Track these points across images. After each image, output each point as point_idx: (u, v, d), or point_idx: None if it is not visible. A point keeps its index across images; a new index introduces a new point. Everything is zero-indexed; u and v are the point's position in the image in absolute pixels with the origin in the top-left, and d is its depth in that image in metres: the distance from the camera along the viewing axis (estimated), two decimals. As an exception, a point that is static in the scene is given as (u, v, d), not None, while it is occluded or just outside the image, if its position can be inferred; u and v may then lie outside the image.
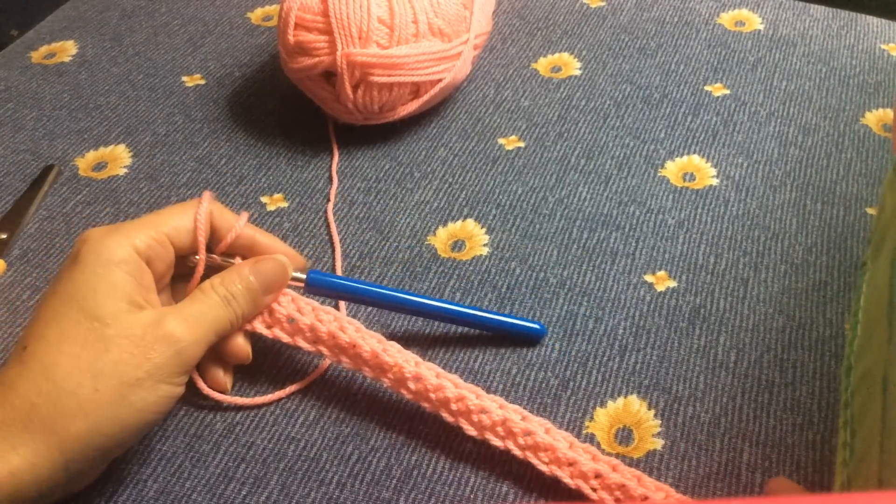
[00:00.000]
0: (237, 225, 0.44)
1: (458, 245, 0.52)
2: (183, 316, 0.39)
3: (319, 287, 0.45)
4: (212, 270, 0.43)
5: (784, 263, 0.51)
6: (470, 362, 0.46)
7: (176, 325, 0.38)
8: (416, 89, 0.57)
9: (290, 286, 0.45)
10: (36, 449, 0.34)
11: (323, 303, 0.45)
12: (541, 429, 0.41)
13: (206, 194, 0.43)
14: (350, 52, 0.53)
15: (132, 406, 0.36)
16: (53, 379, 0.35)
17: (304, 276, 0.45)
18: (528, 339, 0.47)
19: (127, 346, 0.37)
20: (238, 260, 0.44)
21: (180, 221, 0.42)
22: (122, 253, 0.39)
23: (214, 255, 0.44)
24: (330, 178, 0.56)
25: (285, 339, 0.44)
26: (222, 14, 0.71)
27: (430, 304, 0.46)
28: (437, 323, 0.48)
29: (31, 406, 0.35)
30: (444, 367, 0.43)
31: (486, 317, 0.47)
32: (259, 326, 0.44)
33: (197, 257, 0.43)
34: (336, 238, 0.53)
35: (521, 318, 0.47)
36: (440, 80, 0.57)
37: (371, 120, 0.58)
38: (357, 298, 0.47)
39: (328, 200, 0.55)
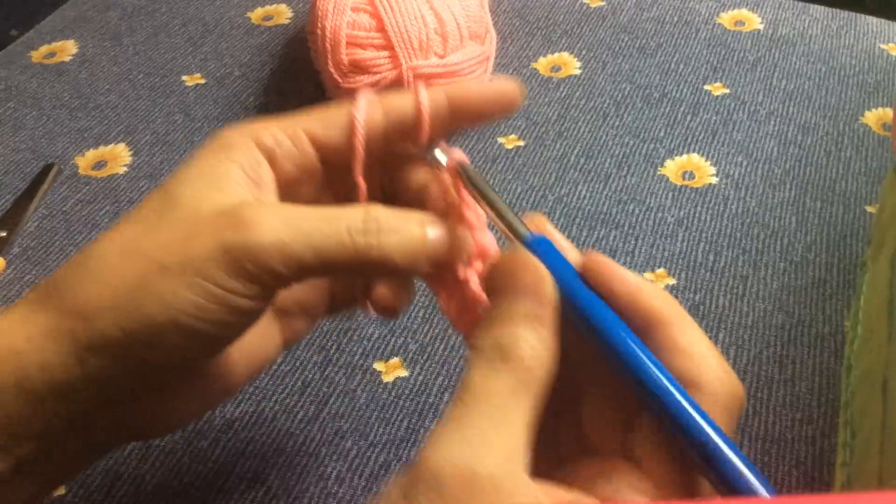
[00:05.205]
0: (421, 99, 0.33)
1: (457, 243, 0.52)
2: (276, 211, 0.29)
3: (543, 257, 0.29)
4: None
5: (783, 261, 0.51)
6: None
7: (256, 215, 0.29)
8: None
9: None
10: (46, 327, 0.28)
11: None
12: None
13: (364, 90, 0.34)
14: (415, 64, 0.54)
15: (156, 295, 0.28)
16: (88, 254, 0.29)
17: (527, 234, 0.30)
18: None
19: (178, 228, 0.29)
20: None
21: (331, 117, 0.33)
22: (236, 141, 0.32)
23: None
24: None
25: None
26: (222, 14, 0.71)
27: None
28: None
29: (56, 279, 0.29)
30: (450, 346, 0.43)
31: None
32: None
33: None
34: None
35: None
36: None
37: None
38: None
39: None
